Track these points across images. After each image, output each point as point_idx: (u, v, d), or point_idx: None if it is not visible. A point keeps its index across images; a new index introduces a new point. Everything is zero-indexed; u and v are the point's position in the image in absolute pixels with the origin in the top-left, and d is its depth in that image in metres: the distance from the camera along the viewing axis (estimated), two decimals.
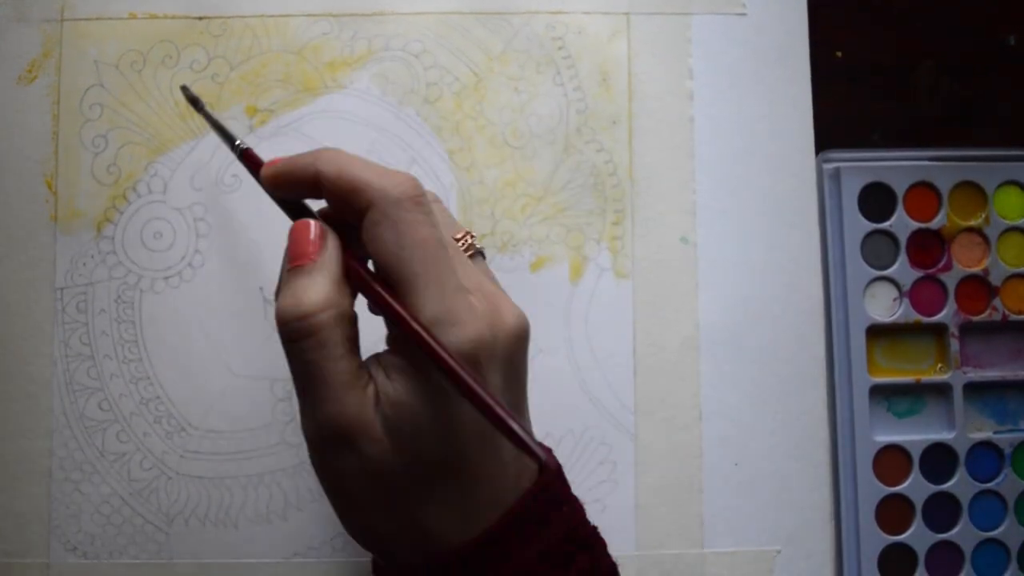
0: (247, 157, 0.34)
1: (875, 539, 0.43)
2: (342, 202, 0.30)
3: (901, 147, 0.46)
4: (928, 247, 0.46)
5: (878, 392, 0.45)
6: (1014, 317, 0.45)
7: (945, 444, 0.44)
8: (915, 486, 0.44)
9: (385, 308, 0.29)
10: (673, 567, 0.42)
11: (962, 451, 0.44)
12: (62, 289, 0.43)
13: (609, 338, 0.43)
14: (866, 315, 0.45)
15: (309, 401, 0.29)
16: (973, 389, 0.45)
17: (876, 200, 0.45)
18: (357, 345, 0.30)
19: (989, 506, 0.44)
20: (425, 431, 0.28)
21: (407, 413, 0.28)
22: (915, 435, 0.45)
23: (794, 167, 0.45)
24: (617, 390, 0.43)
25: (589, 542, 0.31)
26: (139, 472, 0.42)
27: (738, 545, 0.43)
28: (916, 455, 0.44)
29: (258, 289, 0.43)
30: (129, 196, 0.43)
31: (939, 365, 0.45)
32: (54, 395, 0.42)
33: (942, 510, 0.44)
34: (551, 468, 0.31)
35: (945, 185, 0.45)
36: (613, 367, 0.43)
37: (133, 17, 0.44)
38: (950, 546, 0.44)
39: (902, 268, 0.45)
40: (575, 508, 0.32)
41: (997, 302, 0.45)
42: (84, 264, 0.43)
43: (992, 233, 0.45)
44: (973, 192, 0.46)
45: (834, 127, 0.46)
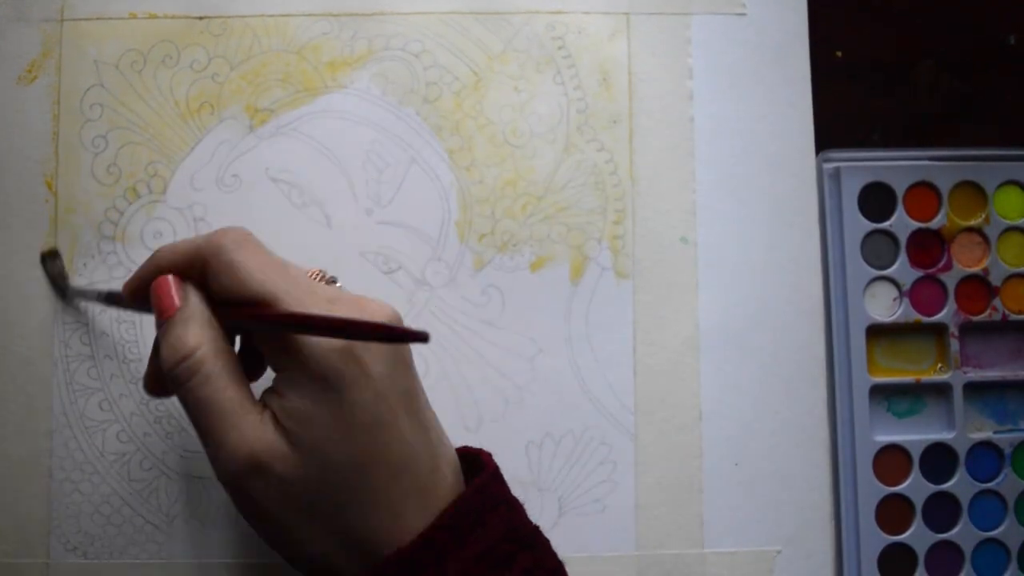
0: (110, 299, 0.38)
1: (875, 539, 0.43)
2: (189, 272, 0.32)
3: (901, 147, 0.46)
4: (928, 247, 0.46)
5: (878, 392, 0.45)
6: (1014, 317, 0.45)
7: (945, 444, 0.44)
8: (915, 486, 0.44)
9: (252, 320, 0.30)
10: (673, 567, 0.42)
11: (962, 451, 0.44)
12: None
13: (609, 338, 0.43)
14: (866, 315, 0.45)
15: (212, 440, 0.30)
16: (973, 389, 0.45)
17: (876, 200, 0.45)
18: (243, 377, 0.31)
19: (989, 506, 0.44)
20: (326, 431, 0.29)
21: (304, 418, 0.29)
22: (915, 435, 0.45)
23: (794, 167, 0.45)
24: (617, 390, 0.43)
25: (530, 541, 0.31)
26: (139, 472, 0.42)
27: (738, 545, 0.43)
28: (916, 455, 0.44)
29: None
30: (129, 196, 0.43)
31: (939, 365, 0.45)
32: (54, 395, 0.42)
33: (942, 510, 0.44)
34: (488, 468, 0.32)
35: (945, 185, 0.45)
36: (613, 367, 0.43)
37: (133, 17, 0.44)
38: (950, 546, 0.44)
39: (902, 268, 0.45)
40: (514, 508, 0.32)
41: (997, 302, 0.45)
42: (85, 264, 0.43)
43: (992, 233, 0.45)
44: (973, 192, 0.46)
45: (834, 127, 0.46)
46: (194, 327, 0.30)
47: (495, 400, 0.43)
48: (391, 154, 0.44)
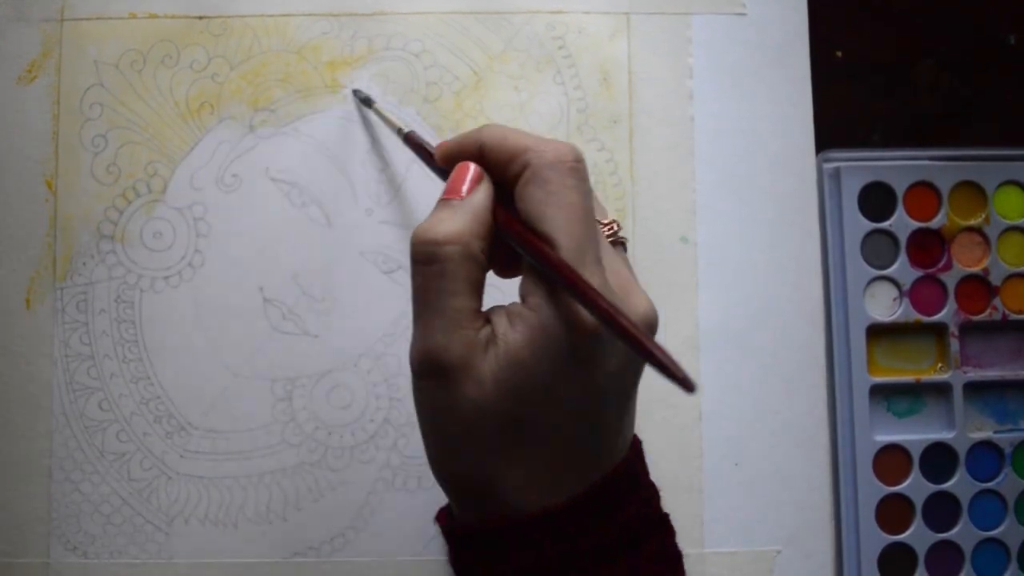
0: (410, 140, 0.37)
1: (875, 539, 0.43)
2: (503, 169, 0.30)
3: (901, 147, 0.46)
4: (928, 247, 0.46)
5: (878, 392, 0.45)
6: (1014, 317, 0.45)
7: (945, 444, 0.44)
8: (915, 486, 0.44)
9: (534, 254, 0.28)
10: None
11: (962, 451, 0.44)
12: (62, 289, 0.43)
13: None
14: (866, 315, 0.45)
15: (419, 328, 0.29)
16: (973, 389, 0.45)
17: (876, 200, 0.45)
18: (479, 290, 0.29)
19: (989, 506, 0.44)
20: (533, 390, 0.28)
21: (520, 366, 0.27)
22: (915, 435, 0.45)
23: (794, 167, 0.45)
24: None
25: (660, 528, 0.31)
26: (139, 472, 0.42)
27: (738, 545, 0.43)
28: (916, 455, 0.44)
29: (258, 289, 0.43)
30: (129, 196, 0.43)
31: (939, 365, 0.45)
32: (54, 395, 0.42)
33: (942, 510, 0.44)
34: (638, 447, 0.32)
35: (945, 185, 0.45)
36: None
37: (133, 17, 0.44)
38: (950, 546, 0.44)
39: (902, 268, 0.45)
40: (651, 492, 0.32)
41: (997, 302, 0.45)
42: (84, 264, 0.43)
43: (992, 233, 0.45)
44: (973, 192, 0.46)
45: (834, 127, 0.46)
46: (459, 221, 0.29)
47: None
48: (391, 154, 0.44)
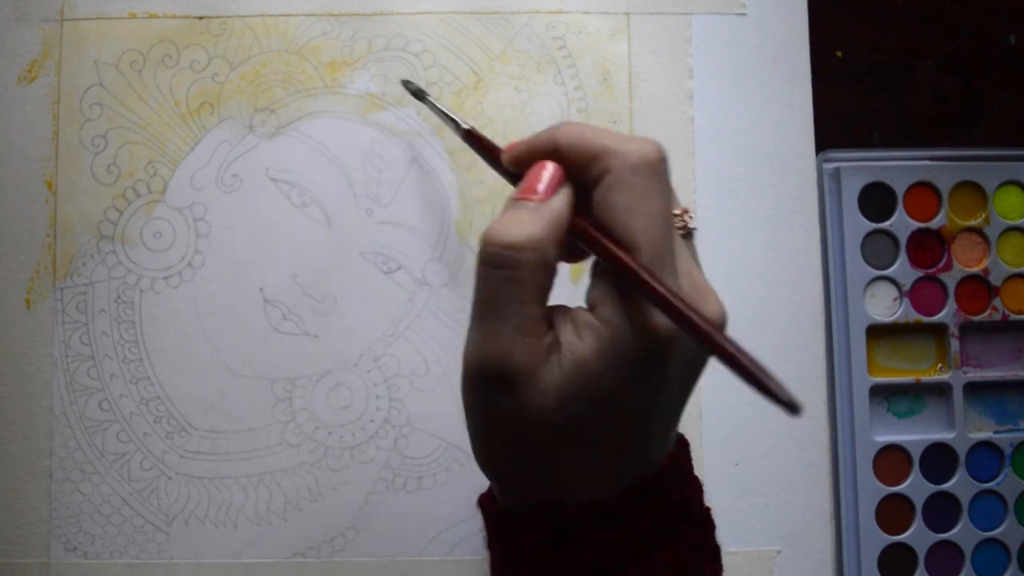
0: (472, 137, 0.35)
1: (875, 539, 0.43)
2: (581, 171, 0.29)
3: (901, 147, 0.46)
4: (928, 247, 0.46)
5: (878, 392, 0.45)
6: (1014, 317, 0.45)
7: (945, 444, 0.44)
8: (915, 486, 0.44)
9: (615, 264, 0.27)
10: None
11: (962, 451, 0.44)
12: (62, 289, 0.43)
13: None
14: (866, 315, 0.45)
15: (480, 332, 0.28)
16: (973, 389, 0.45)
17: (876, 200, 0.45)
18: (546, 297, 0.28)
19: (989, 506, 0.44)
20: (596, 399, 0.27)
21: (587, 378, 0.27)
22: (915, 435, 0.45)
23: (794, 167, 0.45)
24: None
25: (702, 523, 0.31)
26: (139, 472, 0.42)
27: (738, 545, 0.43)
28: (916, 455, 0.44)
29: (258, 289, 0.43)
30: (129, 196, 0.43)
31: (939, 365, 0.45)
32: (54, 395, 0.42)
33: (942, 510, 0.44)
34: (684, 441, 0.32)
35: (945, 185, 0.45)
36: None
37: (133, 17, 0.44)
38: (950, 546, 0.44)
39: (902, 268, 0.45)
40: (696, 487, 0.32)
41: (997, 302, 0.45)
42: (84, 264, 0.43)
43: (992, 233, 0.45)
44: (973, 192, 0.46)
45: (834, 127, 0.46)
46: (535, 225, 0.27)
47: None
48: (391, 154, 0.44)
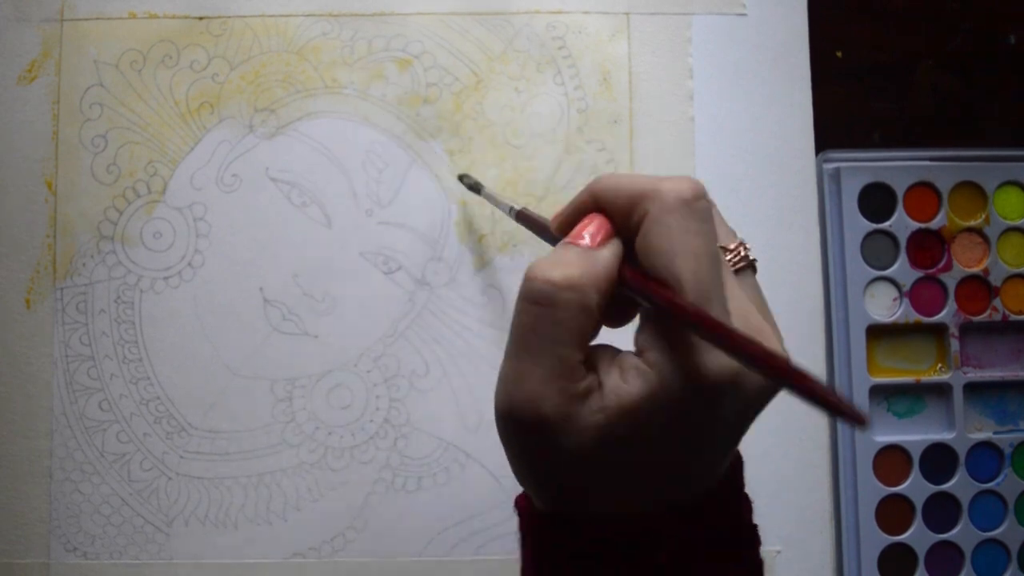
0: (523, 217, 0.35)
1: (875, 539, 0.43)
2: (626, 220, 0.28)
3: (901, 147, 0.46)
4: (928, 247, 0.46)
5: (878, 392, 0.45)
6: (1014, 317, 0.45)
7: (945, 444, 0.44)
8: (915, 486, 0.44)
9: (663, 305, 0.27)
10: None
11: (962, 451, 0.44)
12: (62, 289, 0.43)
13: (610, 338, 0.43)
14: (866, 315, 0.45)
15: (513, 370, 0.27)
16: (973, 389, 0.45)
17: (876, 200, 0.45)
18: (587, 343, 0.28)
19: (989, 506, 0.44)
20: (643, 439, 0.27)
21: (631, 418, 0.26)
22: (915, 435, 0.45)
23: (794, 167, 0.45)
24: None
25: (748, 541, 0.31)
26: (139, 472, 0.42)
27: None
28: (916, 455, 0.44)
29: (258, 289, 0.43)
30: (129, 196, 0.43)
31: (939, 365, 0.45)
32: (54, 395, 0.42)
33: (942, 510, 0.44)
34: (738, 456, 0.31)
35: (945, 185, 0.45)
36: None
37: (133, 17, 0.44)
38: (950, 546, 0.44)
39: (902, 268, 0.45)
40: (746, 505, 0.32)
41: (997, 302, 0.45)
42: (84, 264, 0.43)
43: (992, 233, 0.45)
44: (973, 192, 0.46)
45: (834, 127, 0.46)
46: (584, 270, 0.27)
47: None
48: (391, 154, 0.44)
